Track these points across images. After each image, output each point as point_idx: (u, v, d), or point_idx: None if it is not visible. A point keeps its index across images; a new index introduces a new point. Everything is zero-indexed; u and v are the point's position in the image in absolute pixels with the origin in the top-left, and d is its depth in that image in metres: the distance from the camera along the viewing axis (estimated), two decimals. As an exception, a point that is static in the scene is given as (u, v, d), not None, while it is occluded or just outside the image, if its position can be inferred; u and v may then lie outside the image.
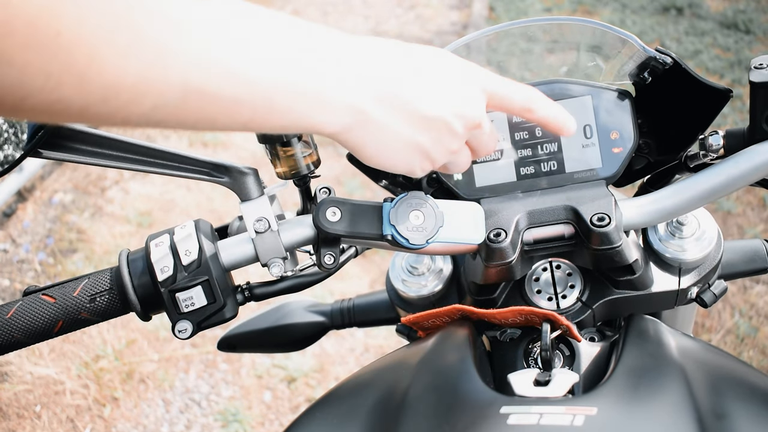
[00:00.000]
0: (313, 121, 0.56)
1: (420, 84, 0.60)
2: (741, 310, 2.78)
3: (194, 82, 0.48)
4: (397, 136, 0.61)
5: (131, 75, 0.45)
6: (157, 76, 0.46)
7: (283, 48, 0.52)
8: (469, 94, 0.63)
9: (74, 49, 0.41)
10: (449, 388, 0.66)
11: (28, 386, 2.43)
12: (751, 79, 0.77)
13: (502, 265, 0.77)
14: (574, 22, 0.86)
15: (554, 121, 0.69)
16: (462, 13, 5.76)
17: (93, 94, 0.44)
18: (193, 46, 0.47)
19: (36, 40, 0.40)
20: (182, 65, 0.47)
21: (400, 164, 0.64)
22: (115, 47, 0.43)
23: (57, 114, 0.45)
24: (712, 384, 0.63)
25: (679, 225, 0.85)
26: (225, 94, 0.50)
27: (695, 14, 5.54)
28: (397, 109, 0.59)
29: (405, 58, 0.60)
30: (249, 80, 0.50)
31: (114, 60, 0.43)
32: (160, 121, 0.49)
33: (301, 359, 2.58)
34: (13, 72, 0.40)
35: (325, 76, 0.55)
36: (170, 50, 0.46)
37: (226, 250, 0.78)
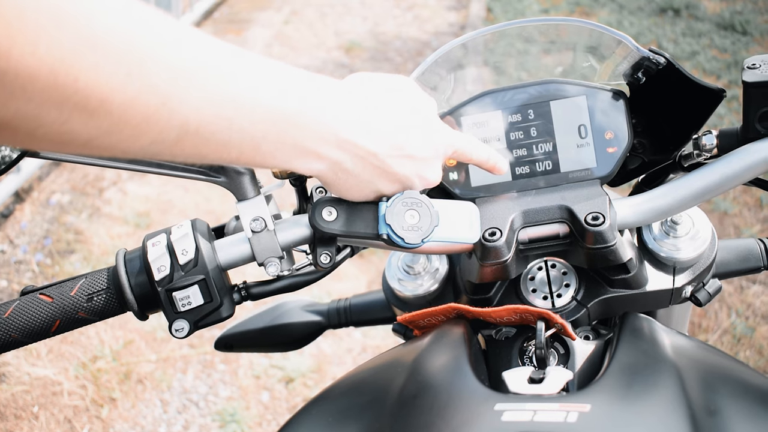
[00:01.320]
0: (293, 165, 0.63)
1: (393, 146, 0.67)
2: (738, 310, 2.79)
3: (191, 125, 0.53)
4: (365, 184, 0.69)
5: (137, 116, 0.49)
6: (159, 118, 0.50)
7: (272, 98, 0.57)
8: (435, 161, 0.72)
9: (88, 92, 0.46)
10: (444, 386, 0.67)
11: (26, 387, 2.43)
12: (744, 79, 0.78)
13: (497, 264, 0.77)
14: (570, 23, 0.87)
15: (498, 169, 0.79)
16: (459, 14, 5.76)
17: (99, 129, 0.48)
18: (194, 95, 0.52)
19: (56, 84, 0.44)
20: (183, 111, 0.51)
21: (362, 199, 0.73)
22: (125, 93, 0.47)
23: (64, 143, 0.49)
24: (705, 381, 0.64)
25: (673, 224, 0.85)
26: (217, 138, 0.55)
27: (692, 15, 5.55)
28: (369, 166, 0.67)
29: (383, 115, 0.66)
30: (240, 128, 0.56)
31: (123, 103, 0.48)
32: (156, 154, 0.54)
33: (299, 359, 2.58)
34: (31, 106, 0.45)
35: (306, 129, 0.60)
36: (174, 97, 0.50)
37: (223, 249, 0.78)
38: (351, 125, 0.63)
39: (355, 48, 5.12)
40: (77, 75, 0.45)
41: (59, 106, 0.45)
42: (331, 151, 0.63)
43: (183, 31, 0.51)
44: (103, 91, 0.46)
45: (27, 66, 0.42)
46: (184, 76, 0.51)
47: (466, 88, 0.90)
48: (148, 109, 0.49)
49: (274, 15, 5.69)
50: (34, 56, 0.42)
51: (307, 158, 0.63)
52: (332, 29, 5.47)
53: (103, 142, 0.50)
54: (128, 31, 0.47)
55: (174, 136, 0.52)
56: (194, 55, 0.51)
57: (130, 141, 0.51)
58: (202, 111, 0.53)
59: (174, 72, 0.50)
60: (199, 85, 0.52)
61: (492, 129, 0.85)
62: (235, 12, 5.72)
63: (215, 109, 0.53)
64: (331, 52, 5.07)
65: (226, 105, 0.54)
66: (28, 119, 0.45)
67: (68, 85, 0.44)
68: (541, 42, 0.90)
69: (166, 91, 0.50)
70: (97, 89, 0.46)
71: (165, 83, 0.49)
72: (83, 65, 0.45)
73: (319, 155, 0.63)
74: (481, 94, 0.85)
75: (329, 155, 0.63)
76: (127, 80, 0.47)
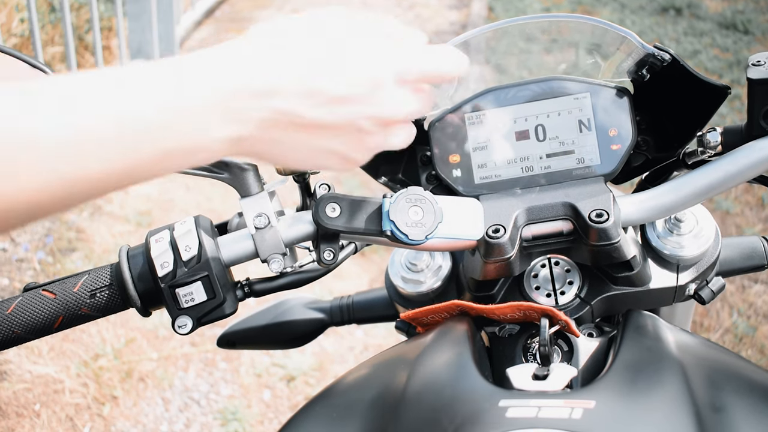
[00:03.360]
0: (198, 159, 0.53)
1: (312, 91, 0.54)
2: (739, 310, 2.78)
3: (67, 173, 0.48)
4: (300, 147, 0.57)
5: None
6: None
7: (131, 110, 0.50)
8: (379, 90, 0.57)
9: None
10: (448, 383, 0.67)
11: (28, 385, 2.43)
12: (749, 75, 0.77)
13: (500, 261, 0.77)
14: (573, 20, 0.87)
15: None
16: (461, 12, 5.76)
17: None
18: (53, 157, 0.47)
19: None
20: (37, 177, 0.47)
21: (313, 167, 0.61)
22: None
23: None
24: (709, 378, 0.64)
25: (677, 222, 0.85)
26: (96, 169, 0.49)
27: (694, 14, 5.55)
28: (289, 126, 0.55)
29: (288, 59, 0.54)
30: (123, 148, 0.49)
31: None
32: None
33: (301, 358, 2.58)
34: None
35: (178, 127, 0.51)
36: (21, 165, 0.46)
37: (226, 245, 0.78)
38: (243, 83, 0.52)
39: (357, 47, 5.12)
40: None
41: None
42: (228, 130, 0.53)
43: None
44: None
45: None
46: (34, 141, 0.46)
47: (468, 85, 0.90)
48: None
49: (276, 13, 5.69)
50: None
51: (203, 155, 0.53)
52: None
53: None
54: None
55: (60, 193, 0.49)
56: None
57: None
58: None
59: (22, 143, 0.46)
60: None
61: (495, 126, 0.84)
62: (236, 11, 5.72)
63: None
64: (332, 51, 5.06)
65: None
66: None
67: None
68: (544, 39, 0.90)
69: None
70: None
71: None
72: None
73: (216, 140, 0.52)
74: (484, 92, 0.85)
75: (229, 136, 0.53)
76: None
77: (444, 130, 0.85)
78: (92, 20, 3.61)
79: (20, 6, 3.88)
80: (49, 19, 4.03)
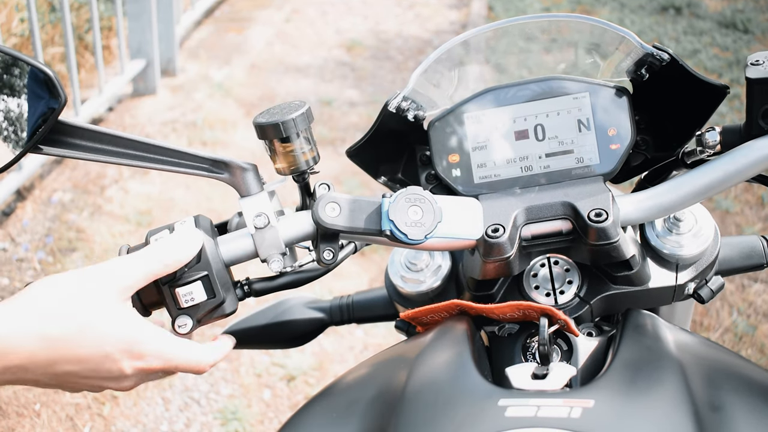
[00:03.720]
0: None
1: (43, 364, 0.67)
2: (739, 309, 2.78)
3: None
4: None
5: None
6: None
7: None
8: (109, 371, 0.71)
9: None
10: (447, 382, 0.67)
11: (28, 385, 2.43)
12: (748, 75, 0.77)
13: (500, 261, 0.77)
14: (572, 20, 0.87)
15: None
16: (461, 12, 5.76)
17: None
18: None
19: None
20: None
21: None
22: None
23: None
24: (708, 377, 0.64)
25: (676, 221, 0.85)
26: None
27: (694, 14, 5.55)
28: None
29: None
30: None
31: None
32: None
33: (301, 357, 2.59)
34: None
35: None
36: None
37: (226, 245, 0.78)
38: None
39: (357, 46, 5.12)
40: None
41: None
42: None
43: None
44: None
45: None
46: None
47: (468, 85, 0.90)
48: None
49: (275, 13, 5.69)
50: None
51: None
52: (333, 27, 5.47)
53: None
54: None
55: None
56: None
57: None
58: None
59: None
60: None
61: (495, 126, 0.85)
62: (236, 10, 5.72)
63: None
64: (332, 51, 5.07)
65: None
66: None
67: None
68: (543, 39, 0.90)
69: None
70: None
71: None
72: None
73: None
74: (484, 91, 0.85)
75: None
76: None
77: (443, 130, 0.85)
78: (92, 20, 3.61)
79: (20, 6, 3.88)
80: (49, 18, 4.03)
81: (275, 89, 4.47)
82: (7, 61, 0.78)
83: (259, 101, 4.30)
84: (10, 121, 0.78)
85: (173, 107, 4.15)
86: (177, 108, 4.15)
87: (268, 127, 0.76)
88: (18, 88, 0.78)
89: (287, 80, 4.60)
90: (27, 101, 0.77)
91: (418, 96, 0.86)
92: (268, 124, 0.76)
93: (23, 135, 0.77)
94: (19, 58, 0.77)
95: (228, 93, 4.36)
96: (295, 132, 0.76)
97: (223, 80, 4.50)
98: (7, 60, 0.78)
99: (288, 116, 0.75)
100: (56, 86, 0.74)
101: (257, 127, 0.77)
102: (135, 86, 4.20)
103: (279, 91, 4.44)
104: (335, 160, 3.62)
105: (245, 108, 4.22)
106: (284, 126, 0.75)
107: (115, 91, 3.93)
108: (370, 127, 0.86)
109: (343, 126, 4.07)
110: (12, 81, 0.78)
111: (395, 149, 0.90)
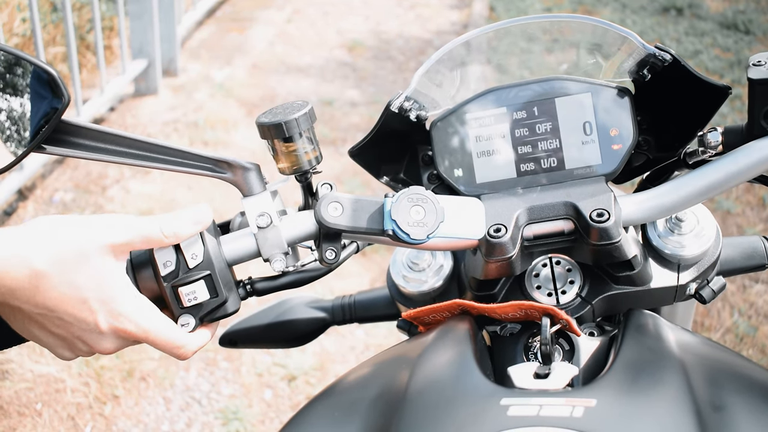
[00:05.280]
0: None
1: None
2: (740, 309, 2.78)
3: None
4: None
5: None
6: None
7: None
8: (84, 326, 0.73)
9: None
10: (450, 382, 0.67)
11: (29, 384, 2.43)
12: (750, 75, 0.78)
13: (502, 261, 0.78)
14: (574, 20, 0.87)
15: None
16: (462, 12, 5.76)
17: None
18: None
19: None
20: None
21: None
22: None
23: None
24: (710, 377, 0.64)
25: (677, 221, 0.85)
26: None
27: (695, 14, 5.55)
28: None
29: None
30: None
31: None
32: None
33: (302, 357, 2.59)
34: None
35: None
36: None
37: (228, 244, 0.78)
38: None
39: (358, 47, 5.12)
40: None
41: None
42: None
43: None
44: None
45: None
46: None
47: (470, 85, 0.91)
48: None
49: (277, 13, 5.69)
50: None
51: None
52: (334, 28, 5.47)
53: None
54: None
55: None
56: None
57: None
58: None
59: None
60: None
61: (497, 126, 0.85)
62: (237, 10, 5.72)
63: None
64: (333, 51, 5.07)
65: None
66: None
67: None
68: (545, 40, 0.90)
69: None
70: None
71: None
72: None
73: None
74: (486, 92, 0.85)
75: None
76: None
77: (445, 130, 0.86)
78: (94, 20, 3.62)
79: (22, 5, 3.88)
80: (51, 18, 4.04)
81: (276, 89, 4.48)
82: (10, 60, 0.78)
83: (260, 101, 4.31)
84: (13, 121, 0.78)
85: (175, 107, 4.16)
86: (178, 108, 4.15)
87: (271, 127, 0.76)
88: (21, 87, 0.78)
89: (288, 80, 4.60)
90: (30, 101, 0.77)
91: (421, 96, 0.86)
92: (271, 123, 0.76)
93: (26, 134, 0.77)
94: (22, 57, 0.77)
95: (229, 93, 4.37)
96: (297, 132, 0.76)
97: (225, 80, 4.51)
98: (10, 59, 0.78)
99: (291, 116, 0.76)
100: (59, 86, 0.74)
101: (260, 126, 0.77)
102: (136, 86, 4.21)
103: (280, 92, 4.45)
104: (336, 160, 3.63)
105: (246, 108, 4.22)
106: (287, 126, 0.76)
107: (116, 91, 3.93)
108: (372, 127, 0.86)
109: (344, 126, 4.07)
110: (15, 80, 0.78)
111: (397, 149, 0.90)
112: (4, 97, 0.78)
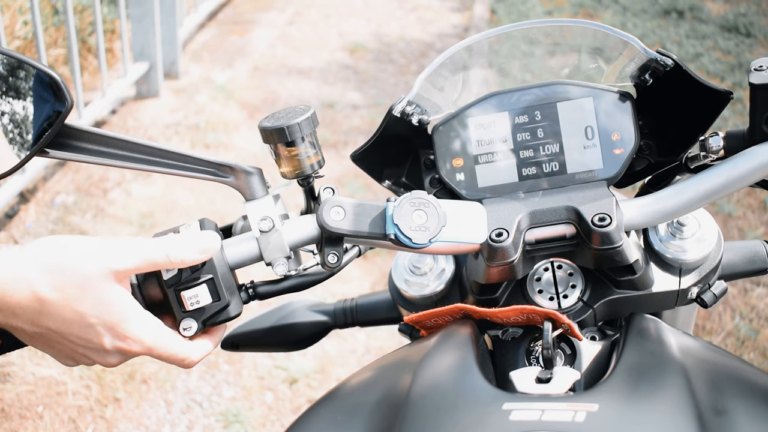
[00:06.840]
0: None
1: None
2: (741, 313, 2.78)
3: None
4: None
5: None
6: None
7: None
8: (94, 345, 0.73)
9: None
10: (452, 386, 0.67)
11: (31, 387, 2.43)
12: (751, 80, 0.78)
13: (503, 265, 0.78)
14: (576, 24, 0.87)
15: None
16: (463, 15, 5.77)
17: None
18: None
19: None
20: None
21: None
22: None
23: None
24: (712, 381, 0.64)
25: (679, 225, 0.85)
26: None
27: (696, 17, 5.55)
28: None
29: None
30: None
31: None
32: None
33: (303, 360, 2.59)
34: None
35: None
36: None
37: (231, 248, 0.78)
38: None
39: (359, 49, 5.13)
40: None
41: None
42: None
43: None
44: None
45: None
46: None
47: (472, 89, 0.91)
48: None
49: (278, 16, 5.70)
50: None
51: None
52: (336, 30, 5.47)
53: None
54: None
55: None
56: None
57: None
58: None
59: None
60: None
61: (498, 130, 0.85)
62: (239, 13, 5.73)
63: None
64: (334, 54, 5.07)
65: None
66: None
67: None
68: (547, 44, 0.90)
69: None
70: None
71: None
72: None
73: None
74: (488, 96, 0.86)
75: None
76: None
77: (447, 134, 0.86)
78: (95, 23, 3.62)
79: (23, 8, 3.89)
80: (53, 21, 4.04)
81: (278, 92, 4.48)
82: (12, 64, 0.78)
83: (261, 104, 4.31)
84: (16, 124, 0.78)
85: (176, 110, 4.16)
86: (180, 110, 4.15)
87: (274, 132, 0.76)
88: (23, 91, 0.78)
89: (290, 83, 4.60)
90: (33, 104, 0.77)
91: (423, 100, 0.86)
92: (274, 128, 0.76)
93: (29, 138, 0.77)
94: (25, 61, 0.77)
95: (231, 96, 4.37)
96: (300, 136, 0.77)
97: (226, 83, 4.51)
98: (12, 63, 0.78)
99: (293, 121, 0.76)
100: (62, 90, 0.75)
101: (262, 131, 0.77)
102: (138, 89, 4.21)
103: (281, 94, 4.45)
104: (338, 163, 3.63)
105: (248, 111, 4.23)
106: (289, 130, 0.76)
107: (118, 93, 3.94)
108: (374, 131, 0.86)
109: (345, 129, 4.08)
110: (17, 84, 0.78)
111: (399, 153, 0.90)
112: (7, 100, 0.78)
